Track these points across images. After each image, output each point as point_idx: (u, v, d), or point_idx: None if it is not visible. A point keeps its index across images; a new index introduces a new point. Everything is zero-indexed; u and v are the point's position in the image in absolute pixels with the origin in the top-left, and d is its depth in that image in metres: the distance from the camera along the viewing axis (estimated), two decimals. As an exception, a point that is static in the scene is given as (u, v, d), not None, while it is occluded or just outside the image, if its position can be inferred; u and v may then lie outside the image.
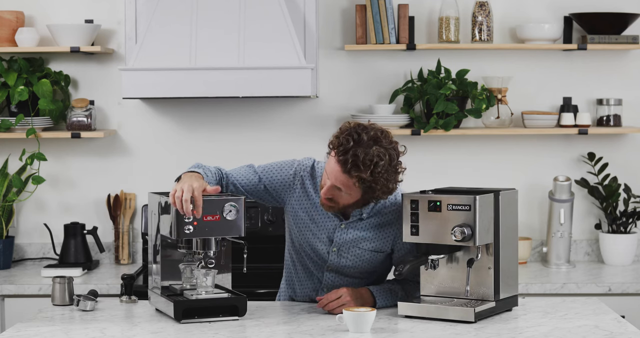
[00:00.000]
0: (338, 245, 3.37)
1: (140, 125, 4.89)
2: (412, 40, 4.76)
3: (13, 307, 4.35)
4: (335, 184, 3.17)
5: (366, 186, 3.14)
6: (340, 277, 3.43)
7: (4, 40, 4.68)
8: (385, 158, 3.12)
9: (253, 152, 4.87)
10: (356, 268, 3.40)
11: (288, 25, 4.44)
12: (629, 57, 4.90)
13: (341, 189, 3.18)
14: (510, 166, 4.91)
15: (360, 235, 3.36)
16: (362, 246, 3.36)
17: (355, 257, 3.38)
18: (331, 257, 3.39)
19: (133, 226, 4.90)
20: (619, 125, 4.82)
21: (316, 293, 3.47)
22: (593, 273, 4.56)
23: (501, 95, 4.75)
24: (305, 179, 3.38)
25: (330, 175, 3.17)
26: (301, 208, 3.39)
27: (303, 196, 3.39)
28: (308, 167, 3.40)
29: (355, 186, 3.15)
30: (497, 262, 3.24)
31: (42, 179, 4.66)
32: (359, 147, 3.09)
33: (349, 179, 3.13)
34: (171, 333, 3.07)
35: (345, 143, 3.11)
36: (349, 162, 3.09)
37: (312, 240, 3.39)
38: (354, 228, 3.36)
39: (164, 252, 3.35)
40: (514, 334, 3.04)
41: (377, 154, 3.10)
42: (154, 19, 4.47)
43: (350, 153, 3.09)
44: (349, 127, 3.16)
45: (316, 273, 3.45)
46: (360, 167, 3.09)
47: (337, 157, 3.12)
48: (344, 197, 3.21)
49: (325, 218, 3.37)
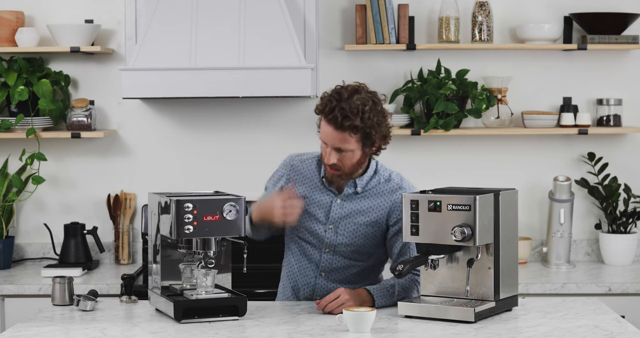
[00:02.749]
0: (334, 222, 3.45)
1: (140, 125, 4.89)
2: (412, 40, 4.76)
3: (13, 307, 4.35)
4: (334, 145, 3.31)
5: (362, 135, 3.29)
6: (338, 259, 3.48)
7: (4, 40, 4.68)
8: (369, 103, 3.29)
9: (253, 152, 4.88)
10: (353, 246, 3.45)
11: (288, 25, 4.44)
12: (629, 57, 4.90)
13: (341, 149, 3.31)
14: (510, 166, 4.91)
15: (355, 208, 3.45)
16: (357, 220, 3.44)
17: (351, 233, 3.44)
18: (328, 235, 3.45)
19: (133, 226, 4.90)
20: (619, 125, 4.82)
21: (315, 280, 3.51)
22: (593, 273, 4.56)
23: (501, 95, 4.75)
24: (296, 162, 3.53)
25: (327, 140, 3.32)
26: (300, 189, 3.48)
27: (298, 179, 3.50)
28: (296, 155, 3.58)
29: (353, 138, 3.29)
30: (497, 262, 3.24)
31: (42, 179, 4.66)
32: (342, 102, 3.27)
33: (344, 133, 3.27)
34: (171, 333, 3.07)
35: (329, 103, 3.28)
36: (338, 117, 3.25)
37: (308, 222, 3.47)
38: (349, 201, 3.45)
39: (164, 252, 3.35)
40: (514, 334, 3.04)
41: (360, 102, 3.27)
42: (154, 19, 4.47)
43: (336, 109, 3.26)
44: (328, 92, 3.34)
45: (314, 257, 3.50)
46: (349, 116, 3.25)
47: (327, 118, 3.29)
48: (347, 157, 3.33)
49: (321, 195, 3.47)
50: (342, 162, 3.34)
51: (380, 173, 3.48)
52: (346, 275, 3.50)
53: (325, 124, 3.30)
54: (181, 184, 4.83)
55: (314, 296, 3.52)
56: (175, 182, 4.87)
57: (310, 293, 3.53)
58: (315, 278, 3.51)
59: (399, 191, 3.45)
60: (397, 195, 3.44)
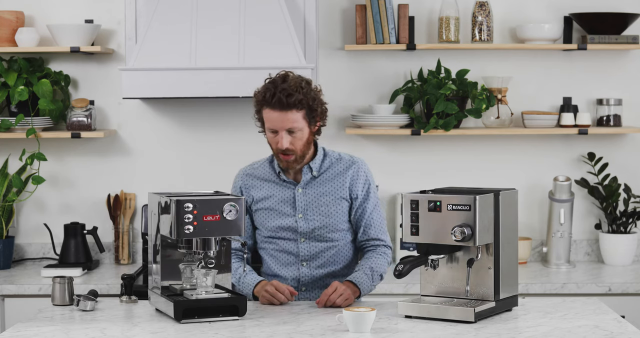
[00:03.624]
0: (303, 210, 3.56)
1: (140, 125, 4.89)
2: (412, 40, 4.76)
3: (13, 307, 4.35)
4: (284, 127, 3.46)
5: (307, 110, 3.46)
6: (315, 244, 3.58)
7: (4, 40, 4.68)
8: (303, 81, 3.47)
9: (253, 152, 4.85)
10: (326, 228, 3.56)
11: (288, 25, 4.44)
12: (629, 57, 4.90)
13: (292, 129, 3.46)
14: (510, 166, 4.91)
15: (317, 192, 3.57)
16: (322, 202, 3.56)
17: (321, 215, 3.56)
18: (300, 224, 3.55)
19: (133, 226, 4.90)
20: (619, 125, 4.82)
21: (299, 271, 3.59)
22: (593, 273, 4.56)
23: (501, 95, 4.75)
24: (248, 171, 3.67)
25: (276, 125, 3.46)
26: (259, 192, 3.60)
27: (255, 182, 3.63)
28: (245, 167, 3.73)
29: (299, 114, 3.45)
30: (497, 262, 3.24)
31: (42, 179, 4.66)
32: (279, 85, 3.44)
33: (291, 111, 3.44)
34: (171, 333, 3.07)
35: (267, 91, 3.45)
36: (282, 98, 3.42)
37: (278, 220, 3.57)
38: (310, 187, 3.57)
39: (164, 252, 3.35)
40: (514, 334, 3.04)
41: (295, 80, 3.46)
42: (154, 19, 4.47)
43: (277, 93, 3.43)
44: (259, 88, 3.50)
45: (292, 249, 3.59)
46: (292, 94, 3.42)
47: (271, 104, 3.45)
48: (298, 138, 3.48)
49: (282, 190, 3.59)
50: (294, 145, 3.48)
51: (330, 155, 3.63)
52: (326, 259, 3.60)
53: (271, 111, 3.45)
54: (181, 184, 4.83)
55: (299, 286, 3.60)
56: (175, 182, 4.87)
57: (296, 284, 3.61)
58: (298, 269, 3.59)
59: (353, 166, 3.61)
60: (352, 170, 3.59)
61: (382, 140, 4.87)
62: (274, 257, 3.63)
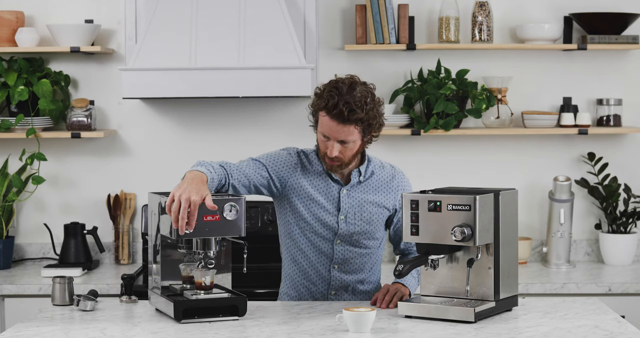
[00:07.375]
0: (345, 212, 3.49)
1: (140, 125, 4.89)
2: (412, 40, 4.76)
3: (13, 307, 4.35)
4: (338, 138, 3.35)
5: (364, 126, 3.34)
6: (350, 249, 3.52)
7: (4, 40, 4.68)
8: (369, 95, 3.34)
9: (253, 152, 4.84)
10: (364, 234, 3.51)
11: (288, 25, 4.44)
12: (629, 57, 4.90)
13: (345, 141, 3.35)
14: (510, 166, 4.91)
15: (362, 197, 3.51)
16: (365, 208, 3.50)
17: (362, 221, 3.50)
18: (341, 226, 3.49)
19: (133, 226, 4.90)
20: (619, 125, 4.82)
21: (329, 273, 3.53)
22: (593, 273, 4.57)
23: (501, 95, 4.75)
24: (301, 155, 3.54)
25: (329, 134, 3.35)
26: (307, 181, 3.49)
27: (306, 170, 3.51)
28: (299, 148, 3.58)
29: (356, 130, 3.34)
30: (497, 262, 3.24)
31: (42, 179, 4.67)
32: (345, 96, 3.30)
33: (349, 126, 3.32)
34: (171, 333, 3.07)
35: (331, 99, 3.30)
36: (344, 112, 3.28)
37: (320, 214, 3.49)
38: (355, 191, 3.50)
39: (164, 252, 3.35)
40: (514, 334, 3.04)
41: (362, 94, 3.32)
42: (154, 19, 4.47)
43: (341, 104, 3.29)
44: (324, 87, 3.37)
45: (326, 250, 3.51)
46: (355, 110, 3.29)
47: (330, 114, 3.31)
48: (349, 148, 3.38)
49: (328, 187, 3.50)
50: (343, 154, 3.39)
51: (373, 161, 3.57)
52: (357, 265, 3.54)
53: (329, 119, 3.32)
54: (181, 184, 4.83)
55: (329, 290, 3.54)
56: (175, 182, 4.83)
57: (326, 288, 3.54)
58: (329, 271, 3.53)
59: (397, 176, 3.57)
60: (397, 181, 3.55)
61: (382, 140, 4.87)
62: (304, 254, 3.52)
